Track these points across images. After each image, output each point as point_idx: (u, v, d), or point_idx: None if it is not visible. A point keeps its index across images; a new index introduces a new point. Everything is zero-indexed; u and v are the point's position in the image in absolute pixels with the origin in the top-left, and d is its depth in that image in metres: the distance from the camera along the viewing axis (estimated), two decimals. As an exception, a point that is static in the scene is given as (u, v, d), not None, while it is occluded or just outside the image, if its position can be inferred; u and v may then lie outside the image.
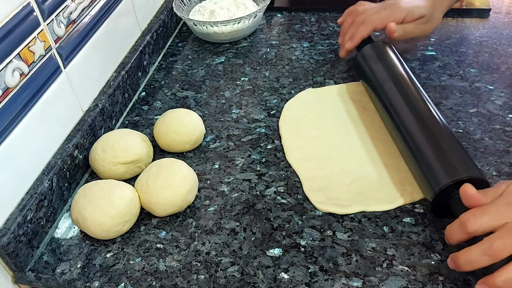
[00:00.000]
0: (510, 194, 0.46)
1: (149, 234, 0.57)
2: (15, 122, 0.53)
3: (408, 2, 0.73)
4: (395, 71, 0.66)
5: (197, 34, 0.91)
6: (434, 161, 0.53)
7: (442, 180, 0.51)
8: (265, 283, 0.50)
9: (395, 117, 0.61)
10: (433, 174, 0.52)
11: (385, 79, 0.65)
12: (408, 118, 0.59)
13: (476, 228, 0.45)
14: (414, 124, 0.58)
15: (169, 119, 0.66)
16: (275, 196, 0.59)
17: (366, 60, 0.70)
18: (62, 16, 0.61)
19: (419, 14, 0.72)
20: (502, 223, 0.44)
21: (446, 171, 0.52)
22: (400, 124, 0.59)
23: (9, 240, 0.51)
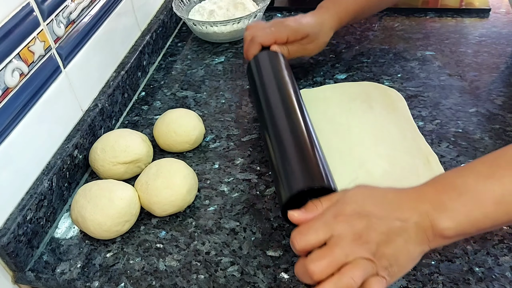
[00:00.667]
0: (339, 204, 0.44)
1: (149, 234, 0.57)
2: (15, 122, 0.53)
3: (294, 20, 0.72)
4: (277, 78, 0.64)
5: (197, 34, 0.91)
6: (293, 167, 0.50)
7: (294, 187, 0.48)
8: (265, 283, 0.50)
9: (269, 122, 0.58)
10: (288, 180, 0.50)
11: (266, 86, 0.63)
12: (280, 123, 0.56)
13: (303, 245, 0.43)
14: (283, 129, 0.55)
15: (169, 119, 0.66)
16: (275, 196, 0.59)
17: (256, 66, 0.68)
18: (62, 16, 0.61)
19: (302, 34, 0.70)
20: (329, 235, 0.42)
21: (301, 177, 0.49)
22: (271, 128, 0.57)
23: (9, 240, 0.51)
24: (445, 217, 0.42)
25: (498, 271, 0.49)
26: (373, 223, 0.42)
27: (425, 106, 0.70)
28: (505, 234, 0.52)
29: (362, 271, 0.40)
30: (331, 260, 0.41)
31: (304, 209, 0.46)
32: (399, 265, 0.42)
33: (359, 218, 0.42)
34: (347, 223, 0.42)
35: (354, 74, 0.78)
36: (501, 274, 0.48)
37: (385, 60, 0.80)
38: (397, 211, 0.43)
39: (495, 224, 0.42)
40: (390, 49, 0.83)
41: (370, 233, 0.41)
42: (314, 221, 0.44)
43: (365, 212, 0.43)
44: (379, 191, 0.46)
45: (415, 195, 0.44)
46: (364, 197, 0.45)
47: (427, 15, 0.91)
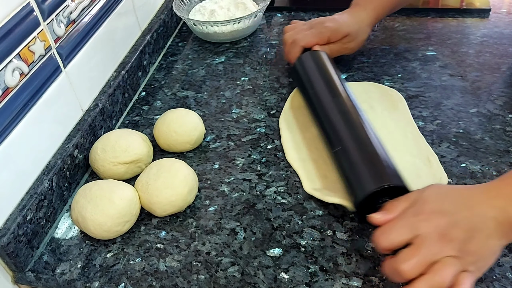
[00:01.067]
0: (419, 203, 0.45)
1: (149, 234, 0.57)
2: (15, 122, 0.53)
3: (333, 20, 0.73)
4: (326, 78, 0.65)
5: (197, 34, 0.91)
6: (361, 168, 0.52)
7: (366, 188, 0.50)
8: (265, 283, 0.50)
9: (325, 123, 0.60)
10: (358, 182, 0.51)
11: (316, 87, 0.64)
12: (338, 125, 0.58)
13: (387, 244, 0.44)
14: (342, 130, 0.57)
15: (169, 119, 0.66)
16: (275, 196, 0.59)
17: (302, 68, 0.69)
18: (62, 16, 0.61)
19: (343, 33, 0.72)
20: (413, 235, 0.43)
21: (370, 178, 0.51)
22: (329, 131, 0.59)
23: (9, 240, 0.51)
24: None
25: (498, 271, 0.48)
26: (455, 220, 0.43)
27: (426, 106, 0.69)
28: (506, 235, 0.52)
29: (452, 269, 0.41)
30: (420, 259, 0.42)
31: (384, 210, 0.47)
32: (484, 260, 0.44)
33: (440, 216, 0.44)
34: (430, 222, 0.43)
35: (355, 74, 0.78)
36: (501, 275, 0.48)
37: (386, 60, 0.80)
38: (474, 207, 0.44)
39: None
40: (391, 49, 0.82)
41: (454, 231, 0.43)
42: (396, 221, 0.45)
43: (445, 210, 0.44)
44: (453, 189, 0.47)
45: (489, 191, 0.46)
46: (441, 195, 0.46)
47: (428, 15, 0.91)
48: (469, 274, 0.42)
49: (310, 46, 0.71)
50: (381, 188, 0.49)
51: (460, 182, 0.58)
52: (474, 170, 0.59)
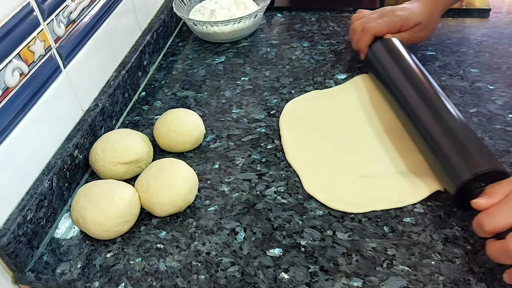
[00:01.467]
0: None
1: (149, 234, 0.57)
2: (15, 122, 0.53)
3: (404, 8, 0.73)
4: (406, 66, 0.66)
5: (197, 34, 0.91)
6: (454, 155, 0.53)
7: (462, 175, 0.50)
8: (266, 283, 0.50)
9: (411, 113, 0.60)
10: (453, 169, 0.52)
11: (397, 75, 0.65)
12: (423, 112, 0.59)
13: (492, 227, 0.45)
14: (429, 117, 0.58)
15: (169, 119, 0.66)
16: (276, 196, 0.59)
17: (376, 57, 0.70)
18: (62, 15, 0.61)
19: (415, 21, 0.72)
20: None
21: (466, 164, 0.51)
22: (416, 120, 0.59)
23: (9, 240, 0.51)
24: None
25: (498, 271, 0.48)
26: None
27: (426, 106, 0.69)
28: (506, 235, 0.52)
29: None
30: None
31: (485, 194, 0.48)
32: None
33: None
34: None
35: (354, 74, 0.78)
36: (501, 275, 0.48)
37: (385, 60, 0.80)
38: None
39: None
40: (390, 49, 0.82)
41: None
42: (502, 204, 0.46)
43: None
44: None
45: None
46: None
47: (428, 15, 0.91)
48: None
49: (382, 35, 0.72)
50: (483, 172, 0.49)
51: (460, 182, 0.58)
52: (474, 170, 0.59)
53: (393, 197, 0.57)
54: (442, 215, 0.54)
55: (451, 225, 0.53)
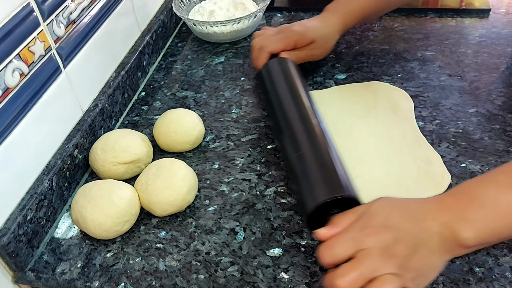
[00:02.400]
0: (365, 217, 0.44)
1: (149, 234, 0.57)
2: (15, 122, 0.53)
3: (301, 24, 0.72)
4: (290, 86, 0.64)
5: (197, 34, 0.91)
6: (314, 177, 0.51)
7: (317, 198, 0.48)
8: (265, 283, 0.50)
9: (286, 130, 0.58)
10: (311, 191, 0.50)
11: (281, 94, 0.63)
12: (295, 133, 0.57)
13: (331, 260, 0.43)
14: (300, 138, 0.56)
15: (169, 119, 0.66)
16: (275, 196, 0.59)
17: (268, 75, 0.68)
18: (62, 16, 0.61)
19: (310, 38, 0.71)
20: (356, 249, 0.42)
21: (324, 188, 0.49)
22: (288, 138, 0.57)
23: (9, 240, 0.51)
24: (466, 227, 0.42)
25: (498, 271, 0.49)
26: (400, 235, 0.42)
27: (425, 106, 0.70)
28: (505, 234, 0.52)
29: (390, 287, 0.40)
30: (358, 275, 0.41)
31: (330, 224, 0.46)
32: (424, 276, 0.43)
33: (385, 231, 0.43)
34: (374, 236, 0.43)
35: (354, 74, 0.78)
36: (501, 274, 0.48)
37: (385, 60, 0.80)
38: (420, 222, 0.44)
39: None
40: (390, 49, 0.83)
41: (397, 246, 0.42)
42: (341, 235, 0.44)
43: (391, 225, 0.43)
44: (402, 203, 0.46)
45: (436, 205, 0.45)
46: (389, 209, 0.45)
47: (427, 15, 0.91)
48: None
49: (277, 52, 0.70)
50: (332, 199, 0.48)
51: (460, 181, 0.58)
52: (473, 170, 0.59)
53: None
54: (441, 215, 0.54)
55: (450, 224, 0.53)
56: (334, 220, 0.46)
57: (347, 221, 0.45)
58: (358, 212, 0.46)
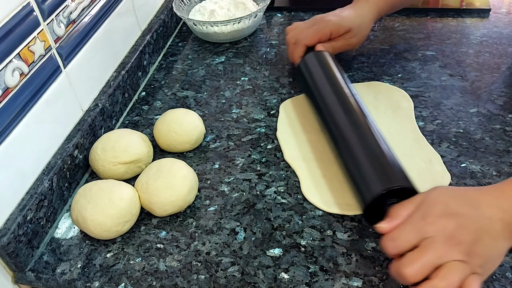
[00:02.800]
0: (425, 207, 0.45)
1: (149, 234, 0.57)
2: (15, 122, 0.53)
3: (335, 14, 0.72)
4: (332, 80, 0.64)
5: (197, 34, 0.91)
6: (368, 170, 0.51)
7: (373, 190, 0.49)
8: (265, 283, 0.50)
9: (333, 126, 0.59)
10: (366, 183, 0.51)
11: (323, 88, 0.64)
12: (344, 126, 0.57)
13: (396, 251, 0.43)
14: (349, 131, 0.56)
15: (169, 119, 0.66)
16: (275, 196, 0.59)
17: (306, 69, 0.68)
18: (62, 16, 0.61)
19: (345, 28, 0.71)
20: (420, 238, 0.42)
21: (379, 180, 0.50)
22: (337, 133, 0.58)
23: (9, 240, 0.51)
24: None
25: (498, 271, 0.48)
26: (463, 222, 0.43)
27: (426, 106, 0.69)
28: (506, 235, 0.52)
29: (459, 273, 0.40)
30: (424, 263, 0.41)
31: (389, 215, 0.46)
32: (490, 261, 0.44)
33: (448, 218, 0.43)
34: (437, 224, 0.43)
35: (354, 74, 0.78)
36: (501, 275, 0.48)
37: (385, 60, 0.80)
38: (481, 209, 0.44)
39: None
40: (390, 49, 0.82)
41: (461, 233, 0.42)
42: (403, 226, 0.44)
43: (452, 212, 0.43)
44: (459, 191, 0.47)
45: (496, 192, 0.45)
46: (448, 197, 0.45)
47: (428, 15, 0.91)
48: (477, 277, 0.41)
49: (313, 44, 0.71)
50: (388, 190, 0.48)
51: (460, 182, 0.58)
52: (474, 170, 0.59)
53: None
54: (442, 215, 0.54)
55: (451, 225, 0.53)
56: (393, 212, 0.47)
57: (407, 211, 0.46)
58: (416, 201, 0.46)
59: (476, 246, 0.42)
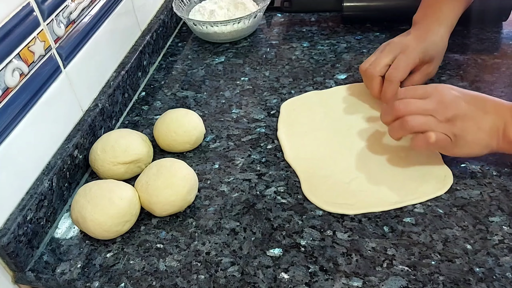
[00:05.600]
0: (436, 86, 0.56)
1: (149, 234, 0.57)
2: (15, 122, 0.53)
3: (415, 39, 0.66)
4: None
5: (197, 34, 0.91)
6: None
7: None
8: (265, 283, 0.50)
9: None
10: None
11: None
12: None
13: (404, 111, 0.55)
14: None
15: (169, 119, 0.66)
16: (275, 196, 0.59)
17: None
18: (62, 16, 0.61)
19: (430, 57, 0.66)
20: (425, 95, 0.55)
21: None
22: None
23: (9, 240, 0.51)
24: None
25: (498, 271, 0.48)
26: (459, 100, 0.54)
27: (425, 106, 0.69)
28: (505, 234, 0.52)
29: (426, 122, 0.54)
30: (413, 104, 0.55)
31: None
32: (465, 140, 0.54)
33: (450, 93, 0.55)
34: (439, 92, 0.55)
35: (355, 74, 0.78)
36: (501, 275, 0.48)
37: (385, 60, 0.80)
38: (481, 103, 0.55)
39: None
40: (390, 49, 0.82)
41: (453, 105, 0.54)
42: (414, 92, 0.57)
43: (456, 93, 0.55)
44: (467, 90, 0.57)
45: (499, 103, 0.55)
46: (456, 88, 0.57)
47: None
48: (440, 134, 0.53)
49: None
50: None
51: (460, 182, 0.58)
52: (474, 170, 0.59)
53: (387, 198, 0.57)
54: (442, 215, 0.55)
55: (451, 225, 0.53)
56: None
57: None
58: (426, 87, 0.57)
59: (458, 119, 0.53)
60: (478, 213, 0.54)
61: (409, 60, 0.64)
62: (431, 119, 0.54)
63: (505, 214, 0.54)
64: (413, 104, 0.55)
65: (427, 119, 0.54)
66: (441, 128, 0.54)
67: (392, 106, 0.57)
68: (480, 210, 0.55)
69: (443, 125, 0.54)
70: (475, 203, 0.55)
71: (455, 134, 0.54)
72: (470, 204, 0.55)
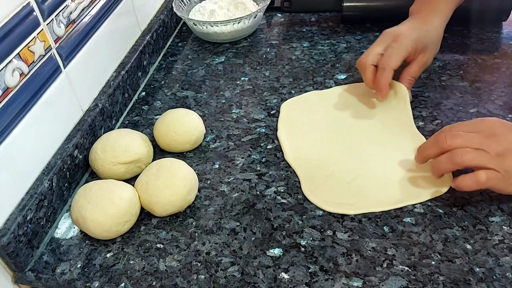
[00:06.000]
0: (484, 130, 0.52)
1: (149, 234, 0.57)
2: (15, 122, 0.53)
3: (409, 29, 0.66)
4: None
5: (197, 34, 0.91)
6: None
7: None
8: (265, 283, 0.50)
9: None
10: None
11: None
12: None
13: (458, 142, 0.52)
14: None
15: (169, 119, 0.66)
16: (275, 196, 0.59)
17: None
18: (62, 16, 0.61)
19: (423, 45, 0.66)
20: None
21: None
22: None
23: (9, 240, 0.51)
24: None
25: (499, 271, 0.48)
26: (510, 134, 0.52)
27: (425, 106, 0.69)
28: (506, 234, 0.52)
29: (477, 156, 0.51)
30: (461, 136, 0.52)
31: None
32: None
33: (500, 126, 0.52)
34: (488, 125, 0.53)
35: (355, 74, 0.78)
36: (502, 275, 0.48)
37: (385, 60, 0.80)
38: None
39: None
40: (390, 49, 0.82)
41: (506, 138, 0.51)
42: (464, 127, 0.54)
43: (506, 126, 0.53)
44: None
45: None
46: (505, 121, 0.54)
47: (427, 15, 0.91)
48: (493, 172, 0.50)
49: (398, 67, 0.65)
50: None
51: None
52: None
53: (387, 198, 0.57)
54: (442, 215, 0.55)
55: (451, 225, 0.53)
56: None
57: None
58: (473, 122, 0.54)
59: (510, 155, 0.50)
60: (478, 213, 0.54)
61: (402, 47, 0.64)
62: (482, 153, 0.51)
63: (505, 214, 0.54)
64: (462, 137, 0.52)
65: (478, 153, 0.51)
66: (493, 163, 0.50)
67: (437, 138, 0.54)
68: (480, 210, 0.55)
69: (495, 160, 0.50)
70: (475, 203, 0.55)
71: (506, 170, 0.50)
72: (470, 204, 0.55)
